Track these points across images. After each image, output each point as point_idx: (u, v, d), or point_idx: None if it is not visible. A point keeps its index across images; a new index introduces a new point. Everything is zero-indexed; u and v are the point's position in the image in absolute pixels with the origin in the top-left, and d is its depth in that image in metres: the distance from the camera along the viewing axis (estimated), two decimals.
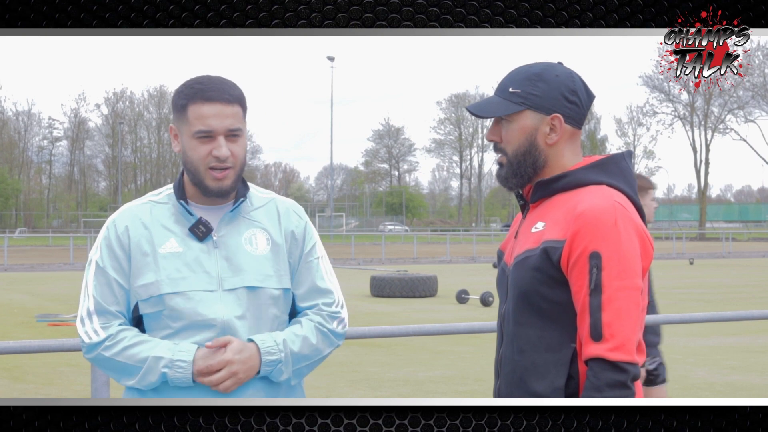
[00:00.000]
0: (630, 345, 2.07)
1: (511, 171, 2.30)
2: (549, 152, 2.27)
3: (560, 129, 2.25)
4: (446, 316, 15.60)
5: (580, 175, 2.23)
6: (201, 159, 2.48)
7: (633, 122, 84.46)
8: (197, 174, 2.51)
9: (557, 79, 2.25)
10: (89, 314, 2.49)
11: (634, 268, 2.11)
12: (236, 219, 2.58)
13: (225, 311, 2.47)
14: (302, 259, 2.64)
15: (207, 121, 2.45)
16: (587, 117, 2.34)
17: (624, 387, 2.06)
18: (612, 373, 2.06)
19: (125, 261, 2.51)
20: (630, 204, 2.20)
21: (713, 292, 20.54)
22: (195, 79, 2.53)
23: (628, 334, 2.08)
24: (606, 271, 2.09)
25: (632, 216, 2.16)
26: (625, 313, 2.08)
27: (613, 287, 2.09)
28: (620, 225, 2.11)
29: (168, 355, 2.41)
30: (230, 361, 2.41)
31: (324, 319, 2.60)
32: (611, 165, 2.25)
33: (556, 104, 2.24)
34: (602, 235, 2.10)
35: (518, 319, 2.24)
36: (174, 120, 2.55)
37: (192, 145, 2.49)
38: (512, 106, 2.27)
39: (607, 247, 2.10)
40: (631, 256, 2.11)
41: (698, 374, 9.68)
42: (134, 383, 2.43)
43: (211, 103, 2.46)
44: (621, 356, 2.06)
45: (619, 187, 2.21)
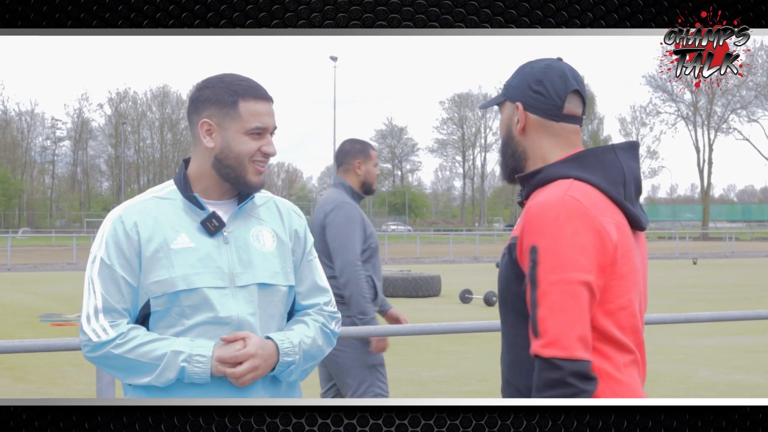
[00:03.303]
0: (565, 340, 2.00)
1: (500, 161, 2.35)
2: (524, 142, 2.28)
3: (522, 117, 2.27)
4: (450, 315, 15.59)
5: (552, 170, 2.22)
6: (249, 154, 2.51)
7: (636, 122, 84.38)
8: (239, 168, 2.52)
9: (531, 70, 2.28)
10: (96, 312, 2.45)
11: (573, 262, 2.04)
12: (243, 215, 2.58)
13: (238, 308, 2.48)
14: (304, 258, 2.67)
15: (262, 118, 2.51)
16: (589, 116, 2.33)
17: (563, 384, 1.99)
18: (548, 372, 2.01)
19: (134, 258, 2.47)
20: (599, 197, 2.14)
21: (716, 291, 20.52)
22: (234, 77, 2.54)
23: (562, 329, 2.01)
24: (542, 265, 2.05)
25: (586, 209, 2.09)
26: (560, 308, 2.02)
27: (548, 281, 2.04)
28: (562, 219, 2.06)
29: (187, 350, 2.40)
30: (254, 355, 2.42)
31: (326, 320, 2.65)
32: (590, 158, 2.21)
33: (520, 93, 2.27)
34: (541, 229, 2.08)
35: (502, 317, 2.25)
36: (210, 115, 2.52)
37: (242, 140, 2.51)
38: (498, 97, 2.34)
39: (544, 241, 2.06)
40: (571, 250, 2.05)
41: (702, 374, 9.67)
42: (149, 381, 2.41)
43: (264, 101, 2.53)
44: (554, 352, 2.00)
45: (589, 180, 2.16)
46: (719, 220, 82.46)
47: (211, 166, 2.55)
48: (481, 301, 17.63)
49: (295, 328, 2.58)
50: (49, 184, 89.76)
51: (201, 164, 2.57)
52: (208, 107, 2.52)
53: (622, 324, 2.13)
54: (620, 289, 2.12)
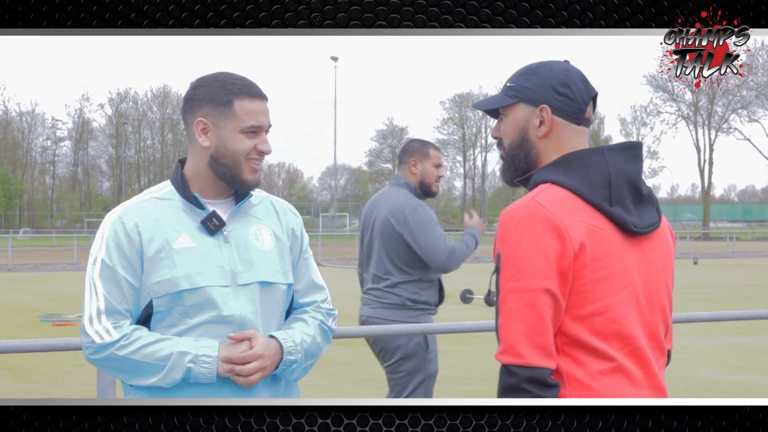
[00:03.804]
0: (519, 348, 2.01)
1: (506, 165, 2.30)
2: (540, 146, 2.24)
3: (548, 120, 2.22)
4: (450, 315, 15.58)
5: (537, 174, 2.21)
6: (244, 152, 2.51)
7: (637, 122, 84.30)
8: (235, 167, 2.52)
9: (550, 72, 2.24)
10: (99, 314, 2.45)
11: (531, 269, 2.04)
12: (241, 214, 2.59)
13: (241, 307, 2.48)
14: (301, 256, 2.69)
15: (257, 116, 2.52)
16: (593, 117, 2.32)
17: (519, 390, 2.00)
18: (505, 377, 2.03)
19: (136, 259, 2.47)
20: (572, 201, 2.12)
21: (717, 291, 20.51)
22: (229, 75, 2.54)
23: (517, 337, 2.02)
24: (502, 272, 2.07)
25: (549, 214, 2.07)
26: (515, 315, 2.03)
27: (506, 289, 2.06)
28: (522, 225, 2.06)
29: (192, 350, 2.40)
30: (261, 355, 2.43)
31: (324, 317, 2.67)
32: (573, 161, 2.18)
33: (545, 95, 2.23)
34: (504, 236, 2.09)
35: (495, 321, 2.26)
36: (206, 114, 2.53)
37: (237, 138, 2.51)
38: (505, 98, 2.28)
39: (505, 248, 2.07)
40: (529, 257, 2.04)
41: (703, 374, 9.66)
42: (155, 381, 2.41)
43: (259, 99, 2.53)
44: (509, 359, 2.02)
45: (564, 184, 2.14)
46: (720, 220, 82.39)
47: (206, 165, 2.55)
48: (481, 301, 17.64)
49: (295, 326, 2.59)
50: (49, 184, 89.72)
51: (197, 164, 2.57)
52: (203, 106, 2.52)
53: (598, 330, 2.09)
54: (594, 294, 2.08)
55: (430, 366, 4.82)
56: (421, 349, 4.79)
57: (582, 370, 2.07)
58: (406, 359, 4.80)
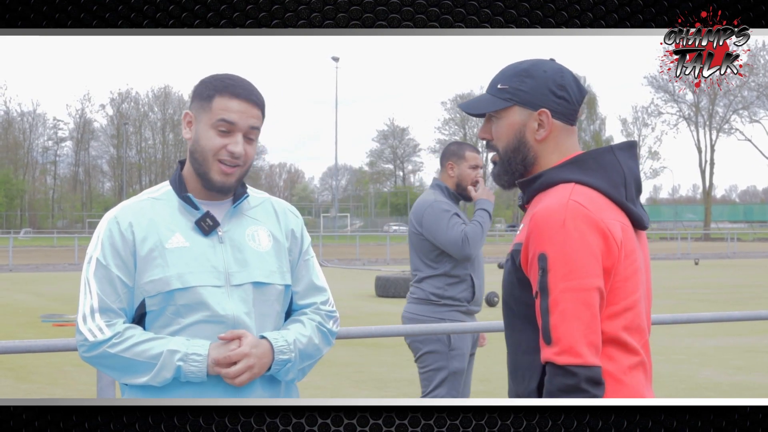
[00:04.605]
0: (578, 348, 2.02)
1: (502, 168, 2.28)
2: (538, 149, 2.24)
3: (548, 124, 2.22)
4: None
5: (553, 174, 2.20)
6: (214, 150, 2.49)
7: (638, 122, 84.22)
8: (204, 164, 2.51)
9: (545, 74, 2.22)
10: (92, 312, 2.46)
11: (583, 268, 2.05)
12: (238, 215, 2.59)
13: (234, 307, 2.48)
14: (300, 257, 2.68)
15: (231, 114, 2.48)
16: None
17: (577, 390, 2.01)
18: (562, 378, 2.02)
19: (129, 258, 2.48)
20: (602, 200, 2.14)
21: (718, 292, 20.51)
22: (225, 75, 2.54)
23: (575, 337, 2.02)
24: (552, 273, 2.05)
25: (590, 214, 2.09)
26: (571, 316, 2.03)
27: (559, 289, 2.04)
28: (569, 225, 2.06)
29: (183, 349, 2.41)
30: (248, 354, 2.42)
31: (323, 319, 2.65)
32: (589, 161, 2.20)
33: (543, 99, 2.21)
34: (549, 236, 2.07)
35: (504, 322, 2.25)
36: (192, 107, 2.54)
37: (209, 134, 2.49)
38: (500, 102, 2.25)
39: (553, 248, 2.06)
40: (580, 256, 2.05)
41: (704, 374, 9.66)
42: (146, 380, 2.41)
43: (239, 99, 2.49)
44: (568, 359, 2.02)
45: (590, 184, 2.15)
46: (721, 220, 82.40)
47: (188, 161, 2.57)
48: (482, 302, 17.61)
49: (290, 327, 2.58)
50: (51, 184, 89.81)
51: (190, 162, 2.58)
52: (194, 100, 2.55)
53: (627, 325, 2.12)
54: (625, 290, 2.12)
55: (453, 363, 4.83)
56: (443, 345, 4.81)
57: (614, 366, 2.10)
58: (429, 354, 4.84)
